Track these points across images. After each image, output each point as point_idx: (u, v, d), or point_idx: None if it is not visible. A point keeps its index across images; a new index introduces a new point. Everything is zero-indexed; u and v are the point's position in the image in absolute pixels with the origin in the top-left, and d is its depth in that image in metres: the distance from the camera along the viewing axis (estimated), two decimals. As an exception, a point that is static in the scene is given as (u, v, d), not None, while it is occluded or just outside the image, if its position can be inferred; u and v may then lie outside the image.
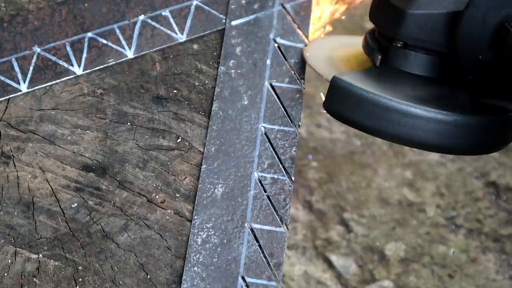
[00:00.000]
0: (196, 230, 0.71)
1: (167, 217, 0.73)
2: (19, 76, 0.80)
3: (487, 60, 0.70)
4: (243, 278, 0.69)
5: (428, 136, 0.69)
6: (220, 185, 0.74)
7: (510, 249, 1.60)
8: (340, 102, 0.72)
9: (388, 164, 1.71)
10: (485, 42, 0.69)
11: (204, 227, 0.71)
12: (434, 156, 1.72)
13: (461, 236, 1.61)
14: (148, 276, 0.69)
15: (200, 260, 0.69)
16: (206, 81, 0.83)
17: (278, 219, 0.73)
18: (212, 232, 0.71)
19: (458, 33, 0.70)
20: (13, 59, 0.81)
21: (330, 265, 1.56)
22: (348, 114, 0.72)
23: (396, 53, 0.76)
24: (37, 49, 0.82)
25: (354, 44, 0.83)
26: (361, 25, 1.74)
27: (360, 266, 1.56)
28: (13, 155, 0.76)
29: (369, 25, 0.82)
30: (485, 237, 1.62)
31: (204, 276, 0.68)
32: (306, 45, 0.86)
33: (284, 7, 0.88)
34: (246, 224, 0.72)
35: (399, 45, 0.75)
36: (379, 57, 0.77)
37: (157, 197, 0.74)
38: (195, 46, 0.86)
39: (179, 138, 0.78)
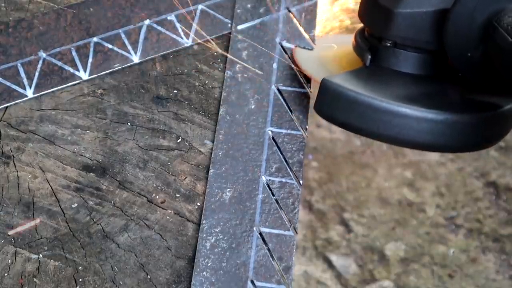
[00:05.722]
0: (204, 235, 0.71)
1: (167, 217, 0.73)
2: (25, 81, 0.80)
3: (475, 57, 0.70)
4: (252, 282, 0.69)
5: (420, 136, 0.69)
6: (228, 190, 0.74)
7: (510, 249, 1.60)
8: (331, 104, 0.72)
9: (388, 164, 1.71)
10: (473, 40, 0.69)
11: (213, 231, 0.71)
12: (434, 156, 1.72)
13: (461, 236, 1.62)
14: (148, 276, 0.69)
15: (209, 264, 0.69)
16: (206, 81, 0.83)
17: (286, 222, 0.73)
18: (221, 237, 0.71)
19: (446, 31, 0.70)
20: (19, 64, 0.81)
21: (330, 265, 1.56)
22: (339, 116, 0.72)
23: (385, 52, 0.75)
24: (43, 54, 0.82)
25: (344, 42, 0.83)
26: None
27: (360, 266, 1.56)
28: (13, 155, 0.76)
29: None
30: (485, 237, 1.62)
31: (213, 280, 0.68)
32: (296, 46, 0.85)
33: (289, 11, 0.88)
34: (254, 228, 0.72)
35: (389, 44, 0.75)
36: (369, 56, 0.76)
37: (157, 197, 0.74)
38: (195, 47, 0.86)
39: (179, 138, 0.78)
